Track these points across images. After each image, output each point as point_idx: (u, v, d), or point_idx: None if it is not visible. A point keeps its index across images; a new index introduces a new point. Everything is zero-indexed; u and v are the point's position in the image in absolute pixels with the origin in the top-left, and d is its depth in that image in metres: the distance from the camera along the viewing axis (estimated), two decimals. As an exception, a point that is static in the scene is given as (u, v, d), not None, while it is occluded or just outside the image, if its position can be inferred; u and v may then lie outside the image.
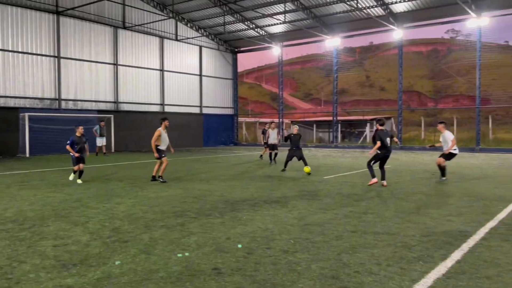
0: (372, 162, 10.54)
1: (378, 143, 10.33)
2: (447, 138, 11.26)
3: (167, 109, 30.64)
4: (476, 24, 25.57)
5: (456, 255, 4.86)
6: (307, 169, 13.33)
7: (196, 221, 6.63)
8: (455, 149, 11.28)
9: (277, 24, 31.58)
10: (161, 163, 11.72)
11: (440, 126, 11.56)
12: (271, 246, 5.23)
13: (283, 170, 14.12)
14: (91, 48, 26.16)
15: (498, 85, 61.75)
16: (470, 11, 24.74)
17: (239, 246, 5.18)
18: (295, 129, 14.44)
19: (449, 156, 11.37)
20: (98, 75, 26.56)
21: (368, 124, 37.21)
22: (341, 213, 7.24)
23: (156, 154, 11.54)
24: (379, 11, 27.55)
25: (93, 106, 26.27)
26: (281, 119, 35.04)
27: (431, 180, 11.79)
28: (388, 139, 10.41)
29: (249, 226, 6.31)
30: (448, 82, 74.76)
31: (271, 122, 18.58)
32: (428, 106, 68.44)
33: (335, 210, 7.55)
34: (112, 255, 4.90)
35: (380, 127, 10.50)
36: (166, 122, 11.83)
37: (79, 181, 11.31)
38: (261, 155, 19.95)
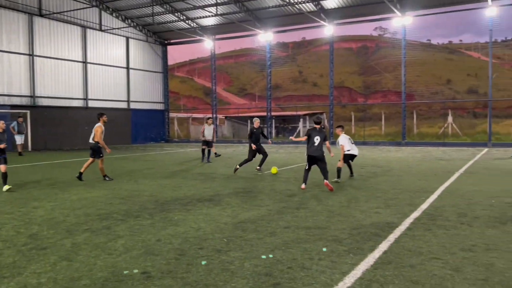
0: (306, 166, 9.88)
1: (304, 138, 9.95)
2: (339, 142, 11.31)
3: (91, 104, 29.27)
4: (401, 22, 27.24)
5: (383, 246, 5.16)
6: (274, 169, 12.86)
7: (123, 224, 6.42)
8: (348, 150, 11.20)
9: (209, 16, 31.37)
10: (92, 162, 11.54)
11: (337, 130, 11.62)
12: (204, 246, 5.20)
13: (236, 170, 13.03)
14: (2, 36, 24.23)
15: (421, 82, 66.38)
16: (395, 10, 26.29)
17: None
18: (256, 122, 13.27)
19: (346, 157, 11.30)
20: (10, 66, 24.68)
21: (301, 120, 38.26)
22: (275, 209, 7.39)
23: (108, 150, 11.47)
24: (310, 6, 28.37)
25: (5, 100, 24.38)
26: (215, 115, 34.92)
27: (360, 174, 12.39)
28: (317, 138, 9.64)
29: (181, 226, 6.23)
30: (377, 78, 79.06)
31: (208, 118, 18.36)
32: (359, 102, 71.81)
33: (268, 206, 7.68)
34: (28, 264, 4.59)
35: (315, 125, 9.93)
36: (104, 117, 11.68)
37: (5, 187, 9.72)
38: (215, 153, 19.43)
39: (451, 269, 4.34)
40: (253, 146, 13.09)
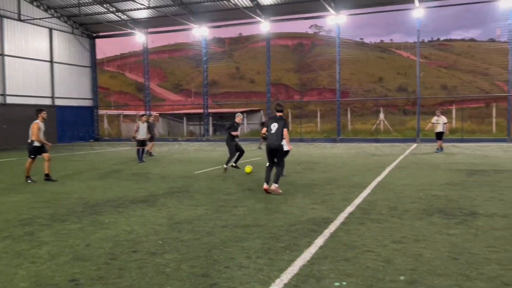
0: (267, 163, 9.07)
1: (263, 130, 9.09)
2: None
3: (10, 100, 27.38)
4: (335, 21, 28.24)
5: (319, 241, 5.34)
6: (248, 168, 12.31)
7: (48, 229, 6.09)
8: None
9: (141, 9, 30.50)
10: (49, 159, 11.13)
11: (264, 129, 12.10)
12: (137, 249, 5.08)
13: (235, 166, 12.96)
14: None
15: (355, 80, 69.22)
16: (329, 8, 27.18)
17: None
18: (239, 117, 13.15)
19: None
20: None
21: (238, 117, 38.39)
22: (212, 208, 7.37)
23: (49, 144, 11.15)
24: (246, 2, 28.55)
25: None
26: (148, 112, 34.09)
27: (297, 171, 12.70)
28: (274, 125, 8.75)
29: (112, 229, 6.03)
30: (313, 76, 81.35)
31: (143, 115, 17.64)
32: (295, 99, 73.44)
33: (206, 205, 7.65)
34: None
35: (278, 114, 8.97)
36: (43, 114, 11.02)
37: None
38: (150, 153, 18.63)
39: (383, 261, 4.59)
40: (236, 134, 12.87)
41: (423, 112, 35.56)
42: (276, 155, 8.89)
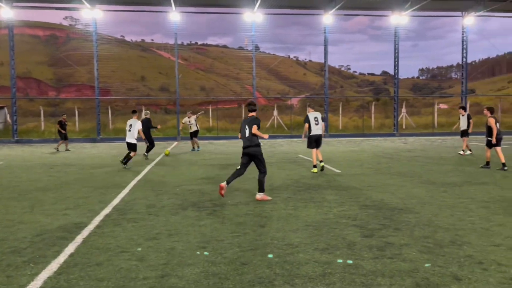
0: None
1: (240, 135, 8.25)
2: None
3: None
4: (91, 15, 26.95)
5: (70, 248, 4.99)
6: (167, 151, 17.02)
7: None
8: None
9: None
10: None
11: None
12: None
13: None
14: None
15: (117, 77, 67.80)
16: (84, 1, 25.72)
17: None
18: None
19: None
20: None
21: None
22: None
23: None
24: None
25: None
26: None
27: (50, 175, 11.60)
28: (247, 129, 7.94)
29: None
30: (70, 71, 75.75)
31: None
32: (49, 95, 67.15)
33: None
34: None
35: (250, 114, 8.05)
36: None
37: None
38: None
39: (136, 260, 4.61)
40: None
41: (183, 112, 37.52)
42: (253, 160, 8.04)
